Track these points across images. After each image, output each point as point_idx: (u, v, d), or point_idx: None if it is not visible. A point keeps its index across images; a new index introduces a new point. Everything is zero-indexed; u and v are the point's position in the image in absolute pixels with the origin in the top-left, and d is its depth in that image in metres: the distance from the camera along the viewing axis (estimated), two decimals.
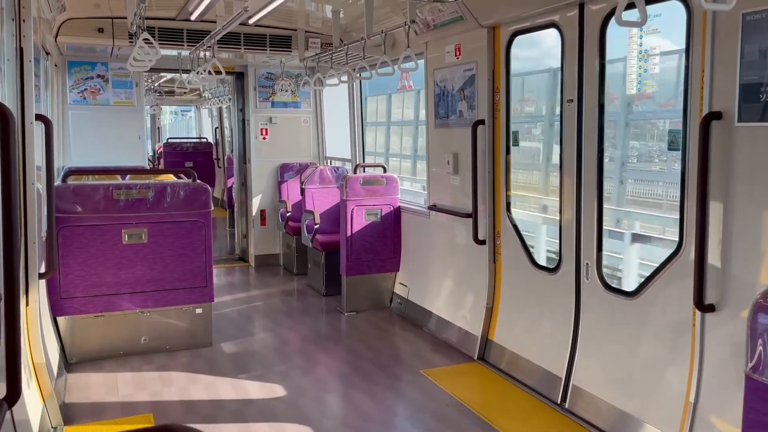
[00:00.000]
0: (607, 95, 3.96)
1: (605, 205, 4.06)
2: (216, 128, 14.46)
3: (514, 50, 4.75)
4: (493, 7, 4.60)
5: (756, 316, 2.10)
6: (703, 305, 3.17)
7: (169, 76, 11.45)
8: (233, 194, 9.61)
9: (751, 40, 2.89)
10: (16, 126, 3.29)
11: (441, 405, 4.21)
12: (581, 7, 3.98)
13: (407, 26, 5.14)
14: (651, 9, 3.48)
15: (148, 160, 13.49)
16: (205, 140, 15.42)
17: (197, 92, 14.20)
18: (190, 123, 20.59)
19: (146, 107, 15.70)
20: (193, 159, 13.73)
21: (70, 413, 4.01)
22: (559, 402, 4.15)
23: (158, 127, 17.65)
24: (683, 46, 3.32)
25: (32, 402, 3.34)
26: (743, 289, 3.03)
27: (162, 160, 14.21)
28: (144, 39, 4.88)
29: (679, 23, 3.32)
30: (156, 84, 12.82)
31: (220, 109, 13.89)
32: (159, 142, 16.60)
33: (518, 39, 4.69)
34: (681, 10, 3.29)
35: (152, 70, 7.32)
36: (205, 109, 16.72)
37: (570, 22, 4.08)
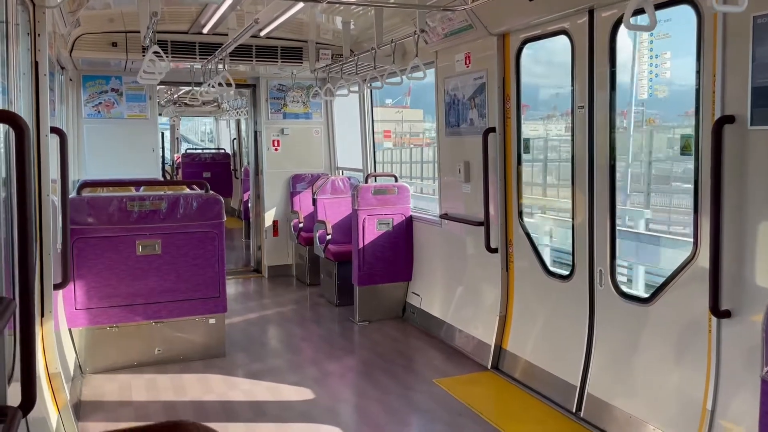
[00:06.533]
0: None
1: None
2: (234, 139, 14.59)
3: None
4: (502, 16, 4.61)
5: None
6: (718, 311, 3.14)
7: (188, 88, 11.59)
8: (249, 206, 9.66)
9: (763, 43, 2.88)
10: (32, 138, 3.33)
11: (454, 414, 4.18)
12: (591, 13, 3.98)
13: (417, 36, 5.17)
14: (660, 14, 3.47)
15: (166, 170, 13.63)
16: (223, 151, 15.54)
17: (216, 104, 14.35)
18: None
19: (166, 118, 15.93)
20: (210, 170, 13.88)
21: (84, 423, 4.03)
22: (574, 411, 4.12)
23: (177, 138, 17.89)
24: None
25: (47, 412, 3.36)
26: (760, 294, 3.00)
27: (180, 170, 14.40)
28: (154, 51, 4.94)
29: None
30: (176, 96, 13.01)
31: (238, 121, 14.03)
32: (178, 152, 16.84)
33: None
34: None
35: (164, 82, 7.39)
36: (223, 120, 16.89)
37: (580, 28, 4.08)
